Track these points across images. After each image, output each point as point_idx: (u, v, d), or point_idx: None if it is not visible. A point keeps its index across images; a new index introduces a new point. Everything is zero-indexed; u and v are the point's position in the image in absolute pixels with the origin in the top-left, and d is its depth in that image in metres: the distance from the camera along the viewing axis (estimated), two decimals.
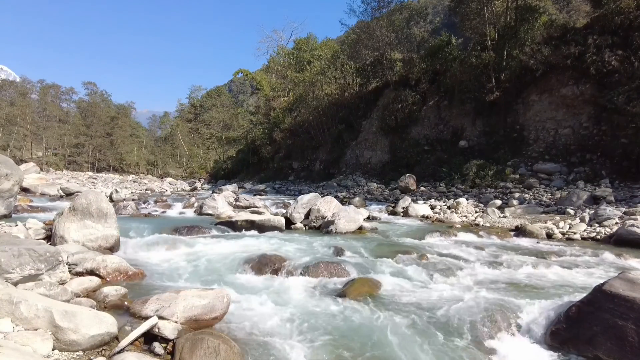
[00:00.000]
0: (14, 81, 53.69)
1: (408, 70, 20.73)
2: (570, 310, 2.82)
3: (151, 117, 73.81)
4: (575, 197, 9.42)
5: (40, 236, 5.05)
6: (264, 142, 31.06)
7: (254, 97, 49.58)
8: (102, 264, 3.84)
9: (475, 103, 16.16)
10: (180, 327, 2.62)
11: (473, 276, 4.35)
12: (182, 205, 10.51)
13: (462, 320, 2.96)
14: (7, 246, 3.25)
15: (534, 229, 7.24)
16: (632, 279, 2.72)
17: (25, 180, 10.81)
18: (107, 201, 5.21)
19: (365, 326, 2.94)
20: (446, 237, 6.87)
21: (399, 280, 4.12)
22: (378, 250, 5.56)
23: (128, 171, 51.75)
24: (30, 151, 46.73)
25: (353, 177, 19.93)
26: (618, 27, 12.95)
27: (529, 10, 15.49)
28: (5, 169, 6.60)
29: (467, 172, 14.08)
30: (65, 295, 2.98)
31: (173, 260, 4.73)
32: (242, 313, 3.07)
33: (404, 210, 10.19)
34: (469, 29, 18.23)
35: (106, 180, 28.37)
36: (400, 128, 19.32)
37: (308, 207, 8.03)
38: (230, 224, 7.31)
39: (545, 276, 4.43)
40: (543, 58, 14.07)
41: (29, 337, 2.22)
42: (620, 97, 11.68)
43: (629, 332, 2.43)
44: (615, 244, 6.40)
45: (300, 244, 5.89)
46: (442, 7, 50.85)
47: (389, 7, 22.02)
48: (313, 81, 25.37)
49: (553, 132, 13.87)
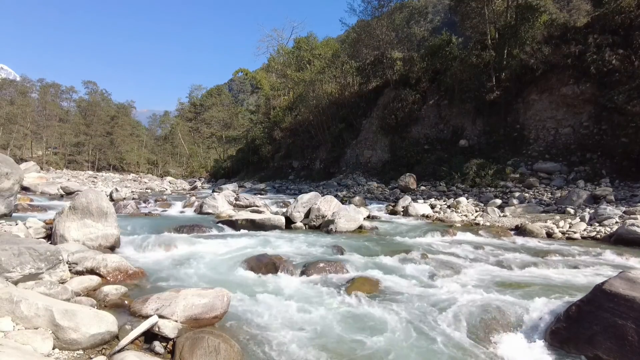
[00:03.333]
0: (14, 80, 53.72)
1: (408, 70, 20.70)
2: (570, 309, 2.82)
3: (151, 116, 73.71)
4: (575, 197, 9.41)
5: (40, 235, 5.06)
6: (264, 141, 31.04)
7: (254, 96, 49.61)
8: (102, 263, 3.84)
9: (476, 102, 16.15)
10: (180, 326, 2.63)
11: (473, 275, 4.36)
12: (182, 205, 10.50)
13: (462, 319, 2.96)
14: (8, 245, 3.26)
15: (534, 228, 7.24)
16: (632, 278, 2.72)
17: (25, 179, 10.81)
18: (107, 200, 5.21)
19: (365, 325, 2.94)
20: (446, 237, 6.87)
21: (399, 279, 4.13)
22: (378, 249, 5.56)
23: (128, 170, 51.74)
24: (30, 150, 46.74)
25: (353, 176, 19.93)
26: (618, 26, 12.94)
27: (530, 9, 15.45)
28: (6, 168, 6.61)
29: (467, 172, 14.08)
30: (65, 294, 2.98)
31: (173, 260, 4.73)
32: (242, 312, 3.07)
33: (404, 210, 10.19)
34: (469, 28, 18.20)
35: (106, 179, 28.36)
36: (401, 127, 19.32)
37: (308, 206, 8.03)
38: (231, 223, 7.31)
39: (545, 275, 4.44)
40: (543, 57, 14.06)
41: (29, 336, 2.23)
42: (620, 97, 11.67)
43: (628, 331, 2.43)
44: (615, 243, 6.40)
45: (300, 243, 5.90)
46: (443, 6, 50.76)
47: (390, 6, 21.97)
48: (313, 80, 25.33)
49: (553, 132, 13.86)
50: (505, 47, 15.67)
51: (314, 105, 25.43)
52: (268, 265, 4.38)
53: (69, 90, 53.34)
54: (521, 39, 15.20)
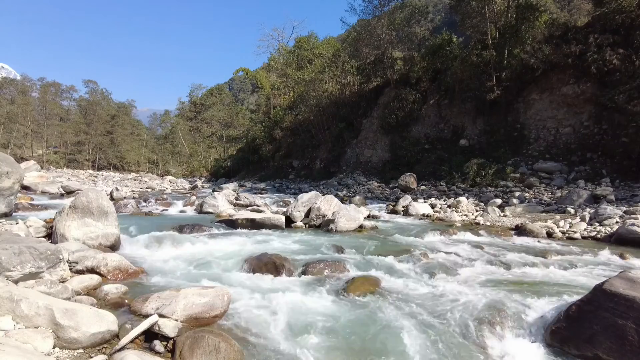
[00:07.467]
0: (15, 79, 53.80)
1: (409, 69, 20.69)
2: (570, 309, 2.82)
3: (152, 116, 73.75)
4: (575, 196, 9.41)
5: (40, 234, 5.06)
6: (264, 140, 31.03)
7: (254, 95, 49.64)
8: (103, 262, 3.85)
9: (476, 102, 16.15)
10: (180, 325, 2.63)
11: (473, 275, 4.36)
12: (183, 204, 10.50)
13: (462, 319, 2.97)
14: (8, 244, 3.26)
15: (534, 228, 7.24)
16: (632, 278, 2.72)
17: (25, 178, 10.83)
18: (108, 199, 5.21)
19: (365, 324, 2.94)
20: (446, 236, 6.87)
21: (399, 278, 4.13)
22: (378, 248, 5.56)
23: (128, 169, 51.82)
24: (30, 149, 46.79)
25: (353, 175, 19.93)
26: (619, 26, 12.93)
27: (530, 8, 15.45)
28: (6, 167, 6.61)
29: (467, 171, 14.07)
30: (65, 293, 2.98)
31: (173, 259, 4.73)
32: (242, 311, 3.07)
33: (404, 209, 10.19)
34: (469, 27, 18.19)
35: (107, 178, 28.40)
36: (401, 127, 19.32)
37: (308, 205, 8.03)
38: (231, 222, 7.31)
39: (545, 275, 4.43)
40: (544, 57, 14.05)
41: (29, 335, 2.23)
42: (621, 96, 11.66)
43: (628, 331, 2.43)
44: (616, 243, 6.40)
45: (300, 242, 5.90)
46: (443, 6, 50.72)
47: (390, 5, 21.95)
48: (314, 79, 25.32)
49: (554, 131, 13.86)
50: (506, 46, 15.67)
51: (315, 104, 25.42)
52: (268, 264, 4.37)
53: (69, 89, 53.44)
54: (522, 39, 15.21)
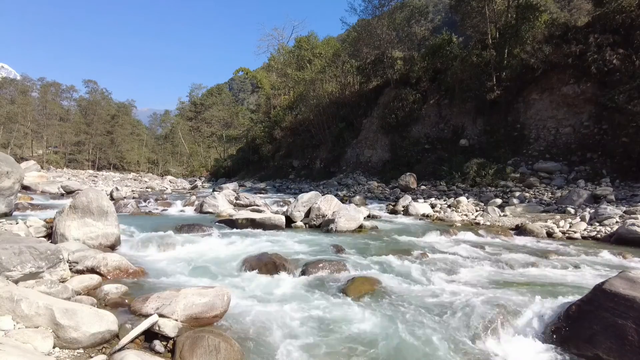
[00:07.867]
0: (15, 79, 53.83)
1: (409, 69, 20.69)
2: (570, 309, 2.82)
3: (152, 115, 73.78)
4: (575, 196, 9.41)
5: (41, 234, 5.06)
6: (264, 140, 31.04)
7: (254, 95, 49.65)
8: (103, 261, 3.85)
9: (476, 102, 16.14)
10: (180, 325, 2.63)
11: (473, 275, 4.36)
12: (183, 204, 10.50)
13: (462, 319, 2.96)
14: (8, 244, 3.26)
15: (534, 227, 7.24)
16: (632, 278, 2.72)
17: (25, 178, 10.82)
18: (108, 199, 5.21)
19: (365, 324, 2.94)
20: (446, 236, 6.87)
21: (399, 278, 4.13)
22: (378, 248, 5.56)
23: (128, 169, 51.83)
24: (30, 149, 46.81)
25: (353, 175, 19.94)
26: (619, 26, 12.92)
27: (530, 8, 15.44)
28: (6, 167, 6.61)
29: (467, 171, 14.07)
30: (65, 293, 2.98)
31: (173, 258, 4.73)
32: (242, 311, 3.07)
33: (404, 209, 10.19)
34: (469, 27, 18.19)
35: (107, 178, 28.42)
36: (401, 127, 19.31)
37: (308, 205, 8.03)
38: (231, 222, 7.31)
39: (545, 275, 4.44)
40: (544, 57, 14.04)
41: (29, 335, 2.23)
42: (621, 96, 11.66)
43: (628, 331, 2.43)
44: (616, 243, 6.40)
45: (300, 242, 5.90)
46: (443, 6, 50.69)
47: (390, 5, 21.96)
48: (314, 79, 25.33)
49: (554, 131, 13.85)
50: (506, 46, 15.66)
51: (315, 104, 25.42)
52: (268, 264, 4.37)
53: (69, 89, 53.42)
54: (522, 39, 15.20)
